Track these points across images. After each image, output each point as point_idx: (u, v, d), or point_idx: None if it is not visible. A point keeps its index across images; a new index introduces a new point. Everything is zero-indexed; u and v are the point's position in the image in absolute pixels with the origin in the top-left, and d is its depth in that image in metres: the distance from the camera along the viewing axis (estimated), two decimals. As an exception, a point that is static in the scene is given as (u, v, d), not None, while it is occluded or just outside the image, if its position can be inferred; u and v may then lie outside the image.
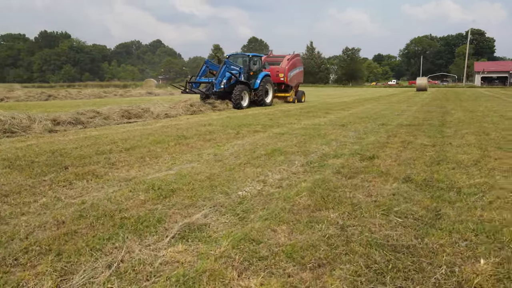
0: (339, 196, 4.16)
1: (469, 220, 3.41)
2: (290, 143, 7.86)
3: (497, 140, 8.14)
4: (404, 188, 4.47)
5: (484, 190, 4.34)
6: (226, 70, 16.94)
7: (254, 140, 8.36)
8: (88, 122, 10.41)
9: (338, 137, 8.61)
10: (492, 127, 10.32)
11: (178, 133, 9.23)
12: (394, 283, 2.39)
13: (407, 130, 9.92)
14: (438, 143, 7.75)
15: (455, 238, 3.04)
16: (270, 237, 3.08)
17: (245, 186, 4.63)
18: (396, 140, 8.10)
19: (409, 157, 6.28)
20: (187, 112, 14.52)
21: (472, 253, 2.78)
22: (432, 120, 12.38)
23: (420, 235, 3.12)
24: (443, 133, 9.30)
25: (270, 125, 11.12)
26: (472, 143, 7.73)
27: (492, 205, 3.82)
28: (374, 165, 5.69)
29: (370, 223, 3.39)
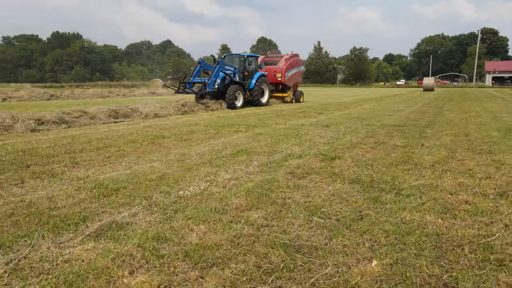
0: (276, 197, 4.19)
1: (388, 222, 3.41)
2: (263, 143, 7.89)
3: (474, 141, 8.06)
4: (346, 189, 4.48)
5: (424, 192, 4.33)
6: (219, 70, 17.03)
7: (230, 140, 8.41)
8: (73, 121, 10.59)
9: (314, 138, 8.61)
10: (477, 128, 10.20)
11: (157, 133, 9.34)
12: (275, 283, 2.42)
13: (388, 130, 9.86)
14: (411, 144, 7.70)
15: (363, 239, 3.06)
16: (182, 236, 3.13)
17: (191, 185, 4.68)
18: (370, 141, 8.07)
19: (372, 158, 6.26)
20: (178, 112, 14.64)
21: (370, 255, 2.79)
22: (421, 120, 12.28)
23: (331, 236, 3.14)
24: (423, 133, 9.23)
25: (255, 125, 11.16)
26: (445, 144, 7.66)
27: (422, 207, 3.81)
28: (331, 166, 5.69)
29: (290, 223, 3.42)
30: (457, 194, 4.23)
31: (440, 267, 2.60)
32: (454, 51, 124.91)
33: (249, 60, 18.86)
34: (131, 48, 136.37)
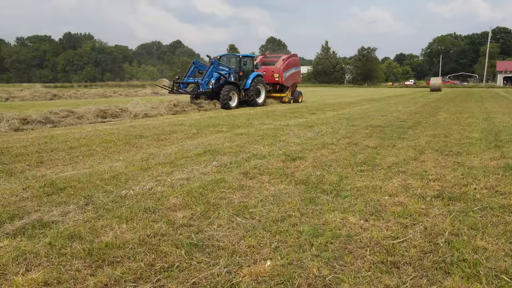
0: (213, 197, 4.22)
1: (308, 223, 3.42)
2: (236, 143, 7.93)
3: (450, 142, 7.98)
4: (289, 190, 4.49)
5: (364, 193, 4.32)
6: (213, 70, 17.10)
7: (206, 140, 8.46)
8: (59, 121, 10.77)
9: (290, 138, 8.60)
10: (461, 129, 10.08)
11: (137, 133, 9.44)
12: (159, 282, 2.47)
13: (370, 131, 9.81)
14: (383, 145, 7.66)
15: (273, 240, 3.08)
16: (97, 235, 3.20)
17: (139, 185, 4.75)
18: (344, 142, 8.04)
19: (334, 159, 6.25)
20: (169, 112, 14.76)
21: (271, 255, 2.81)
22: (410, 121, 12.17)
23: (243, 236, 3.16)
24: (403, 134, 9.16)
25: (240, 125, 11.19)
26: (418, 145, 7.61)
27: (351, 208, 3.81)
28: (287, 167, 5.70)
29: (210, 223, 3.46)
30: (395, 196, 4.21)
31: (332, 268, 2.61)
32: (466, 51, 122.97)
33: (244, 60, 18.90)
34: (141, 49, 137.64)
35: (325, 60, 73.18)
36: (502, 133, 9.28)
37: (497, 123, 11.46)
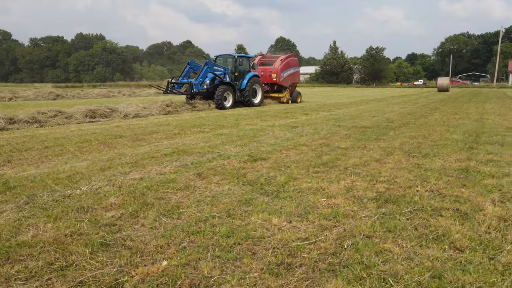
0: (153, 197, 4.27)
1: (228, 224, 3.44)
2: (210, 144, 7.97)
3: (424, 143, 7.91)
4: (234, 190, 4.52)
5: (303, 195, 4.32)
6: (207, 71, 17.17)
7: (182, 141, 8.52)
8: (46, 121, 10.96)
9: (266, 139, 8.61)
10: (445, 130, 9.98)
11: (118, 133, 9.55)
12: (49, 280, 2.52)
13: (352, 132, 9.77)
14: (356, 146, 7.63)
15: (183, 241, 3.10)
16: (16, 233, 3.27)
17: (88, 184, 4.82)
18: (317, 143, 8.02)
19: (296, 160, 6.25)
20: (161, 112, 14.88)
21: (173, 255, 2.84)
22: (398, 122, 12.07)
23: (155, 236, 3.20)
24: (382, 135, 9.11)
25: (225, 126, 11.23)
26: (391, 146, 7.56)
27: (281, 209, 3.82)
28: (244, 168, 5.72)
29: (134, 223, 3.51)
30: (333, 198, 4.20)
31: (224, 269, 2.63)
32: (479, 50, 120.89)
33: (239, 60, 18.93)
34: (152, 49, 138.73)
35: (332, 60, 72.74)
36: (485, 135, 9.15)
37: (486, 125, 11.28)
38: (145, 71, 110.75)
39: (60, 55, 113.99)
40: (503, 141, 8.22)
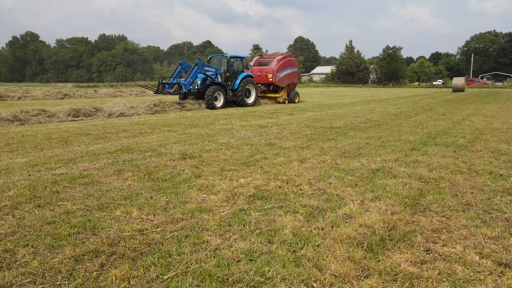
0: (51, 190, 4.57)
1: (82, 217, 3.70)
2: (164, 142, 8.26)
3: (371, 144, 7.96)
4: (134, 185, 4.77)
5: (188, 190, 4.54)
6: (197, 71, 17.50)
7: (141, 139, 8.80)
8: (28, 119, 11.52)
9: (224, 139, 8.79)
10: (410, 131, 9.95)
11: (86, 132, 9.93)
12: None
13: (316, 132, 9.92)
14: (300, 146, 7.75)
15: (24, 230, 3.38)
16: None
17: (4, 179, 5.17)
18: (267, 142, 8.18)
19: (225, 159, 6.44)
20: (148, 112, 15.30)
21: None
22: (374, 123, 12.06)
23: (23, 225, 3.49)
24: (341, 136, 9.18)
25: (199, 125, 11.49)
26: (334, 147, 7.66)
27: (156, 203, 4.04)
28: (166, 165, 5.97)
29: (4, 212, 3.81)
30: (214, 194, 4.39)
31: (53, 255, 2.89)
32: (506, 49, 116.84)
33: (231, 61, 19.17)
34: (173, 49, 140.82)
35: (348, 59, 71.96)
36: (444, 136, 9.09)
37: (459, 126, 11.13)
38: (165, 71, 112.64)
39: (84, 55, 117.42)
40: (455, 142, 8.15)
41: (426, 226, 3.47)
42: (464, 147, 7.60)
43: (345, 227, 3.38)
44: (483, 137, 9.06)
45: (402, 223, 3.52)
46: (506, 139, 8.65)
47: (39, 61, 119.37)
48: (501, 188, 4.76)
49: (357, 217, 3.62)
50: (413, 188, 4.68)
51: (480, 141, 8.37)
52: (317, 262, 2.75)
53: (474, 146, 7.73)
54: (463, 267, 2.73)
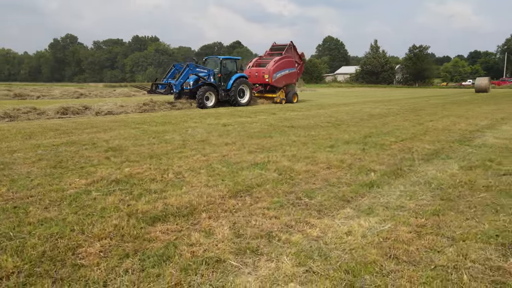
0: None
1: None
2: (109, 138, 9.14)
3: (300, 141, 8.48)
4: (34, 171, 5.65)
5: (95, 171, 5.35)
6: (189, 72, 18.45)
7: (97, 136, 9.66)
8: (17, 116, 12.83)
9: (170, 136, 9.59)
10: (356, 131, 10.33)
11: (56, 127, 10.96)
12: None
13: (270, 130, 10.50)
14: (237, 143, 8.38)
15: None
16: None
17: None
18: (197, 140, 8.88)
19: (148, 153, 7.21)
20: (137, 110, 16.35)
21: None
22: (334, 123, 12.45)
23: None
24: (284, 134, 9.72)
25: (169, 123, 12.35)
26: (260, 143, 8.25)
27: (66, 187, 4.89)
28: (88, 155, 6.83)
29: None
30: (85, 179, 5.18)
31: None
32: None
33: (224, 62, 19.96)
34: (203, 49, 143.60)
35: (373, 59, 70.94)
36: (377, 136, 9.42)
37: (418, 128, 11.38)
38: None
39: (119, 56, 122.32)
40: (379, 142, 8.53)
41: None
42: (379, 146, 7.99)
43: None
44: (419, 137, 9.35)
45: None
46: (434, 140, 8.93)
47: (77, 62, 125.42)
48: (355, 181, 5.27)
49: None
50: (264, 178, 5.28)
51: (407, 141, 8.70)
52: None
53: (392, 146, 8.10)
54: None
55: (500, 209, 4.15)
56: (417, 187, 5.04)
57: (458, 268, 2.86)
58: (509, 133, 10.12)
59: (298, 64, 24.98)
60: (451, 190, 4.89)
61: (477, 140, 9.05)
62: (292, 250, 3.16)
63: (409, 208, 4.22)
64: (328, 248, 3.19)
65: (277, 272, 2.82)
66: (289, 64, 23.69)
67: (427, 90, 51.02)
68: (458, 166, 6.23)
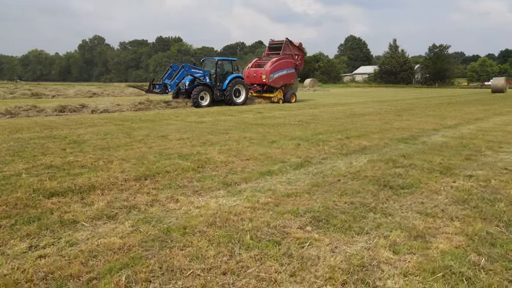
0: None
1: None
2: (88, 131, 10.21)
3: (268, 137, 9.25)
4: None
5: (34, 158, 6.35)
6: (184, 73, 19.49)
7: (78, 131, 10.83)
8: (18, 113, 14.16)
9: (139, 132, 10.57)
10: (312, 129, 10.99)
11: (46, 123, 12.16)
12: None
13: (230, 127, 11.29)
14: (185, 137, 9.28)
15: None
16: None
17: None
18: (156, 136, 9.80)
19: (112, 146, 8.18)
20: (132, 109, 17.47)
21: None
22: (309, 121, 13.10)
23: None
24: (244, 130, 10.50)
25: (151, 121, 13.36)
26: (208, 140, 9.08)
27: (9, 170, 5.92)
28: (43, 144, 7.86)
29: None
30: (26, 164, 6.17)
31: None
32: None
33: (219, 63, 20.87)
34: (226, 49, 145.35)
35: (391, 59, 70.15)
36: (326, 134, 10.04)
37: (381, 127, 11.91)
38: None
39: (143, 56, 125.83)
40: (322, 138, 9.19)
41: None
42: (319, 142, 8.65)
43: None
44: (369, 135, 9.92)
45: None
46: (379, 138, 9.50)
47: (103, 62, 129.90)
48: (258, 170, 6.03)
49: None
50: (177, 166, 6.11)
51: (352, 138, 9.31)
52: None
53: (331, 142, 8.73)
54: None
55: (344, 192, 4.83)
56: (305, 176, 5.75)
57: (258, 228, 3.61)
58: (459, 132, 10.55)
59: (298, 56, 25.52)
60: (331, 179, 5.57)
61: (423, 138, 9.54)
62: (140, 217, 3.99)
63: (274, 190, 4.96)
64: (166, 216, 4.01)
65: (113, 231, 3.66)
66: (287, 64, 24.31)
67: (443, 91, 50.25)
68: (366, 160, 6.86)
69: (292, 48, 25.14)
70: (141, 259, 3.07)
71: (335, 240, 3.48)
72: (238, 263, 3.05)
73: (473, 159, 7.01)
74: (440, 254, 3.19)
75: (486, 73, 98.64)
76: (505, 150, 7.92)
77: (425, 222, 3.93)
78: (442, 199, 4.69)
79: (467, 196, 4.78)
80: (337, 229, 3.70)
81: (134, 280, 2.76)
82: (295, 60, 25.06)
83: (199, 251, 3.23)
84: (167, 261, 3.05)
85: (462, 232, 3.65)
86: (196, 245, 3.34)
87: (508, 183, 5.39)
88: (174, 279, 2.81)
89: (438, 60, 67.25)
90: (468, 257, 3.12)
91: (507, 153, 7.57)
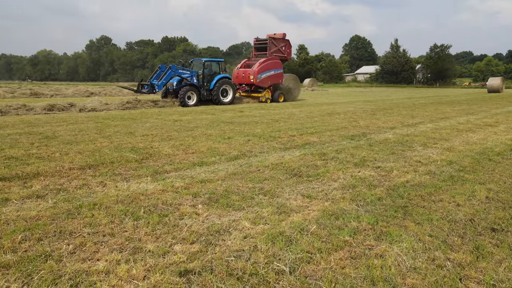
0: None
1: None
2: (66, 129, 11.06)
3: (228, 133, 10.01)
4: (-35, 151, 7.56)
5: None
6: (171, 74, 20.33)
7: (59, 128, 11.71)
8: (8, 111, 15.09)
9: (112, 129, 11.40)
10: (276, 126, 11.71)
11: (31, 121, 13.09)
12: None
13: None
14: (154, 133, 10.07)
15: None
16: None
17: None
18: (125, 134, 10.61)
19: (78, 141, 9.02)
20: (119, 108, 18.33)
21: None
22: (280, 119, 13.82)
23: None
24: (212, 127, 11.27)
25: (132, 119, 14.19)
26: (184, 136, 9.86)
27: None
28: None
29: None
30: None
31: None
32: None
33: (206, 64, 21.66)
34: (232, 49, 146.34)
35: (393, 59, 70.37)
36: (288, 131, 10.76)
37: (345, 124, 12.59)
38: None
39: (149, 57, 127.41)
40: (279, 135, 9.92)
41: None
42: (271, 138, 9.38)
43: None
44: (324, 132, 10.63)
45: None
46: (332, 135, 10.20)
47: (110, 62, 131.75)
48: (192, 162, 6.79)
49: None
50: (123, 158, 6.89)
51: (306, 135, 10.03)
52: None
53: (282, 139, 9.45)
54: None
55: (253, 180, 5.57)
56: (232, 167, 6.49)
57: (155, 205, 4.37)
58: (413, 130, 11.19)
59: (284, 46, 26.13)
60: (253, 169, 6.31)
61: (371, 135, 10.20)
62: (65, 197, 4.78)
63: (194, 177, 5.72)
64: (87, 196, 4.79)
65: (37, 207, 4.45)
66: (275, 65, 25.01)
67: (441, 90, 50.47)
68: (299, 153, 7.58)
69: (276, 42, 25.76)
70: (44, 225, 3.85)
71: (212, 214, 4.23)
72: (121, 229, 3.82)
73: (397, 153, 7.69)
74: (288, 224, 3.93)
75: (491, 72, 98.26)
76: (437, 146, 8.58)
77: (302, 202, 4.66)
78: (334, 185, 5.41)
79: (358, 182, 5.49)
80: (220, 206, 4.46)
81: (28, 238, 3.54)
82: (283, 52, 25.75)
83: (95, 220, 4.01)
84: (63, 226, 3.83)
85: (322, 209, 4.37)
86: (95, 217, 4.11)
87: (407, 173, 6.08)
88: (62, 238, 3.58)
89: (439, 59, 67.36)
90: (305, 226, 3.85)
91: (434, 149, 8.23)
